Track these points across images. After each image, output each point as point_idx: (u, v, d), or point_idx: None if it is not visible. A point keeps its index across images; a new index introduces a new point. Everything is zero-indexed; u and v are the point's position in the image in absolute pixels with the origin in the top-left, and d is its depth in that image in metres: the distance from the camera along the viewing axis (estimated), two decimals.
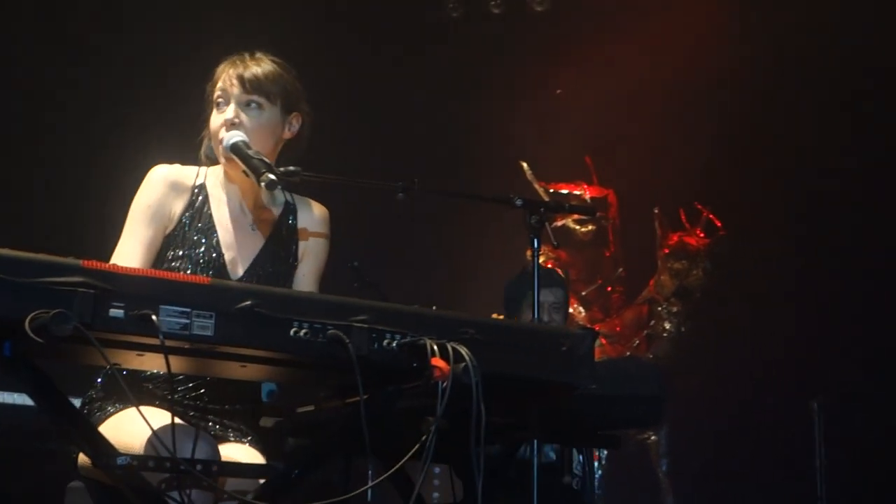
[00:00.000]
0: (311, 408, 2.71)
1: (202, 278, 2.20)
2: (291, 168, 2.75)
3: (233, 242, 2.92)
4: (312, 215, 3.07)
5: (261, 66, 2.92)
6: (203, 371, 2.57)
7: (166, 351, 2.09)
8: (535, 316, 3.26)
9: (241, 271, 2.91)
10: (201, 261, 2.87)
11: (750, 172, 7.30)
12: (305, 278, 3.03)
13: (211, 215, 2.92)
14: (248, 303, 2.13)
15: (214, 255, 2.88)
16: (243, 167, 2.76)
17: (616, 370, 2.74)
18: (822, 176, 7.12)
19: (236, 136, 2.80)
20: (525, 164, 7.32)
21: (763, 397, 7.56)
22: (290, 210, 3.04)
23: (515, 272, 4.46)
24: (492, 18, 7.66)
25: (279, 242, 2.99)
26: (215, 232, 2.91)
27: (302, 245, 3.03)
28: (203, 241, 2.89)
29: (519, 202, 3.35)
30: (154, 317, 2.05)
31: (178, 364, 2.38)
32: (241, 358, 2.27)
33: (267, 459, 2.85)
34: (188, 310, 2.10)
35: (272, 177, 2.65)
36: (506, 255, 5.76)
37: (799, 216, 7.15)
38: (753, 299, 7.19)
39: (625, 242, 7.61)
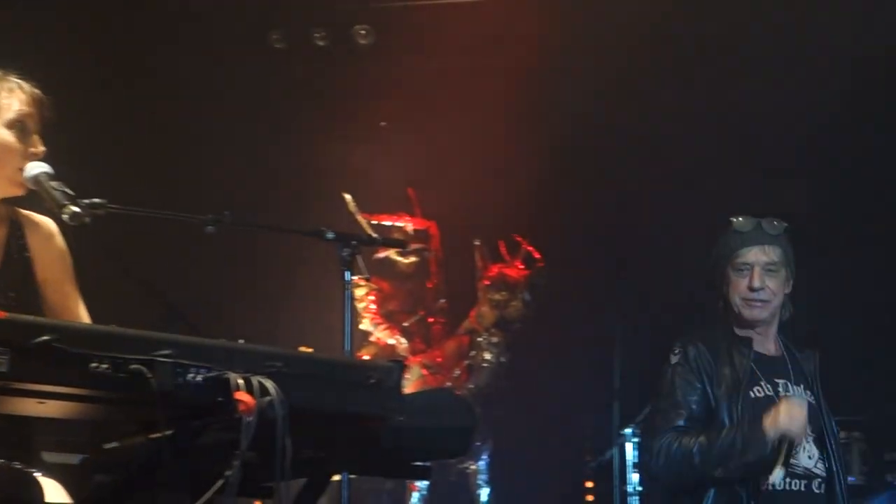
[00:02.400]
0: (115, 443, 2.65)
1: None
2: (96, 200, 2.69)
3: None
4: (41, 232, 2.92)
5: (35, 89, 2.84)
6: None
7: None
8: (347, 347, 3.27)
9: None
10: None
11: (568, 204, 7.49)
12: (60, 295, 2.91)
13: None
14: (46, 337, 2.08)
15: None
16: (46, 198, 2.69)
17: (425, 402, 2.76)
18: (635, 207, 7.38)
19: (38, 168, 2.73)
20: (348, 196, 7.33)
21: (582, 424, 7.75)
22: (16, 228, 2.89)
23: (328, 305, 4.46)
24: (316, 50, 7.65)
25: (11, 264, 2.85)
26: None
27: (39, 265, 2.89)
28: None
29: (330, 235, 3.37)
30: None
31: None
32: (38, 394, 2.20)
33: (73, 498, 2.76)
34: None
35: (76, 209, 2.59)
36: (318, 288, 5.76)
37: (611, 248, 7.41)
38: (571, 328, 7.37)
39: (446, 274, 7.69)
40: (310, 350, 2.48)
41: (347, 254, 3.35)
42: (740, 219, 3.92)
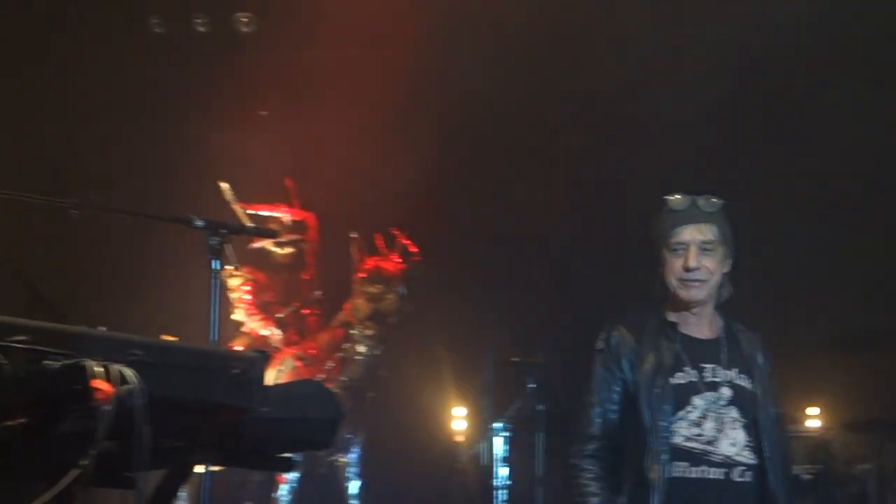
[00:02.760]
0: None
1: None
2: None
3: None
4: None
5: None
6: None
7: None
8: (214, 337, 3.24)
9: None
10: None
11: (446, 199, 7.55)
12: None
13: None
14: None
15: None
16: None
17: (290, 393, 2.75)
18: (512, 206, 7.47)
19: None
20: (224, 185, 7.23)
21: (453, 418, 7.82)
22: None
23: (194, 293, 4.40)
24: (197, 36, 7.54)
25: None
26: None
27: None
28: None
29: (199, 223, 3.32)
30: None
31: None
32: None
33: None
34: None
35: None
36: (188, 277, 5.68)
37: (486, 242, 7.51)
38: (445, 321, 7.44)
39: (323, 266, 7.66)
40: (173, 339, 2.45)
41: (216, 242, 3.30)
42: (675, 197, 3.80)
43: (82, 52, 7.13)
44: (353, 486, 7.25)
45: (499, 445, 7.01)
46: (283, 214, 7.51)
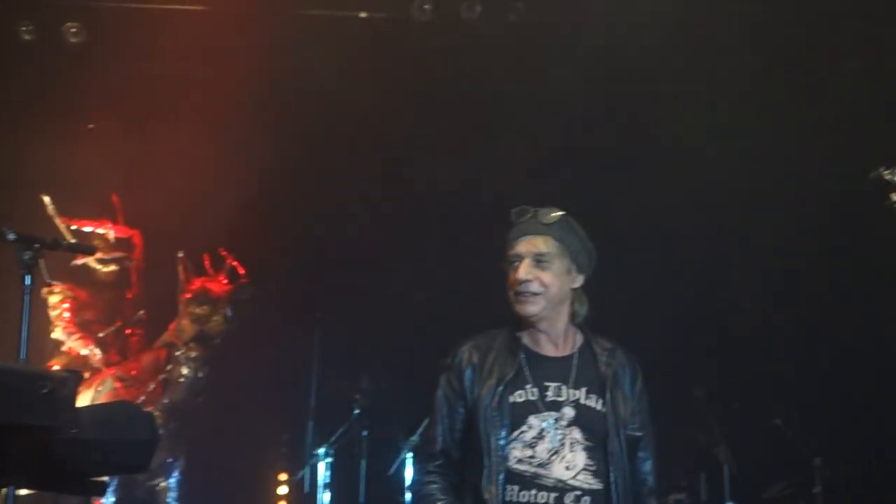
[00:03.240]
0: None
1: None
2: None
3: None
4: None
5: None
6: None
7: None
8: (23, 355, 3.13)
9: None
10: None
11: (275, 222, 7.51)
12: None
13: None
14: None
15: None
16: None
17: (103, 414, 2.68)
18: (344, 229, 7.48)
19: None
20: (46, 199, 7.04)
21: (278, 443, 7.75)
22: None
23: (6, 309, 4.25)
24: (24, 46, 7.31)
25: None
26: None
27: None
28: None
29: (11, 236, 3.21)
30: None
31: None
32: None
33: None
34: None
35: None
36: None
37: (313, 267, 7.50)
38: (272, 346, 7.38)
39: (148, 285, 7.50)
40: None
41: (29, 257, 3.20)
42: (516, 209, 3.65)
43: None
44: None
45: (322, 471, 6.97)
46: (108, 231, 7.34)
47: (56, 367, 6.71)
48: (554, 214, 3.60)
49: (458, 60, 7.23)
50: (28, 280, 3.31)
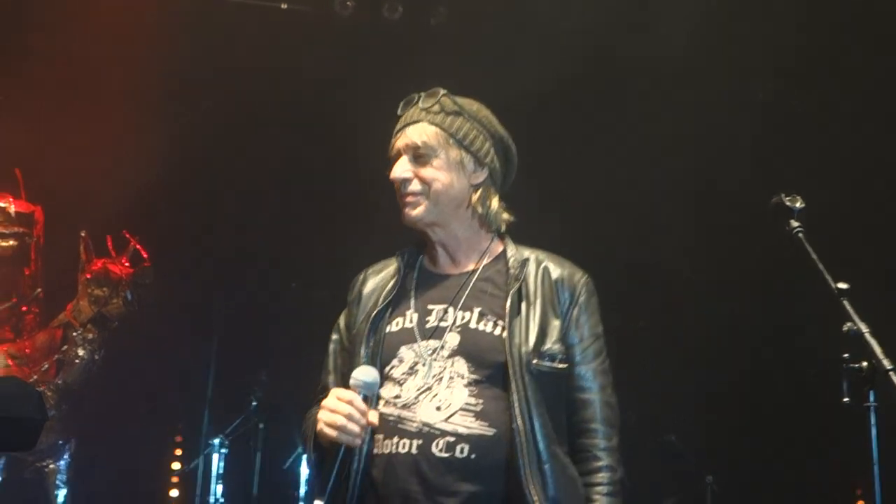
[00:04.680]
0: None
1: None
2: None
3: None
4: None
5: None
6: None
7: None
8: None
9: None
10: None
11: (180, 205, 7.43)
12: None
13: None
14: None
15: None
16: None
17: None
18: (248, 214, 7.43)
19: None
20: None
21: (172, 432, 7.65)
22: None
23: None
24: None
25: None
26: None
27: None
28: None
29: None
30: None
31: None
32: None
33: None
34: None
35: None
36: None
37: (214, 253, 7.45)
38: (172, 331, 7.30)
39: (47, 263, 7.34)
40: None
41: None
42: (404, 100, 3.00)
43: None
44: (61, 494, 6.97)
45: (216, 462, 6.90)
46: (9, 205, 7.17)
47: None
48: (433, 96, 2.93)
49: (378, 57, 7.23)
50: None
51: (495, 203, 2.96)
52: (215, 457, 6.93)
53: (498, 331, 2.78)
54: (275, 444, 7.02)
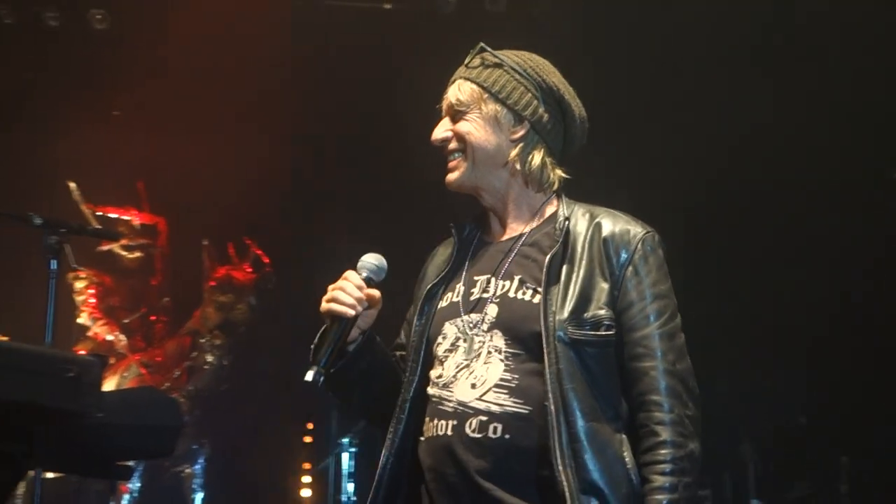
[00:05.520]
0: None
1: None
2: None
3: None
4: None
5: None
6: None
7: None
8: (49, 339, 3.14)
9: None
10: None
11: (301, 210, 7.50)
12: None
13: None
14: None
15: None
16: None
17: (128, 400, 2.69)
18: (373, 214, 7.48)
19: None
20: (72, 185, 7.06)
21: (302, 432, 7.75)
22: None
23: (35, 293, 4.26)
24: (50, 32, 7.31)
25: None
26: None
27: None
28: None
29: (38, 221, 3.22)
30: None
31: None
32: None
33: None
34: None
35: None
36: (23, 275, 5.51)
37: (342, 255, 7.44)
38: (296, 335, 7.37)
39: (173, 272, 7.52)
40: (4, 338, 2.36)
41: (54, 241, 3.20)
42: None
43: None
44: (198, 499, 7.13)
45: (346, 461, 6.97)
46: (133, 218, 7.36)
47: (81, 352, 6.75)
48: (484, 50, 2.72)
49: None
50: (54, 265, 3.31)
51: (538, 159, 2.65)
52: (345, 455, 6.99)
53: (537, 299, 2.52)
54: None
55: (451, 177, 2.66)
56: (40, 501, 3.78)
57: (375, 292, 2.59)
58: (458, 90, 2.67)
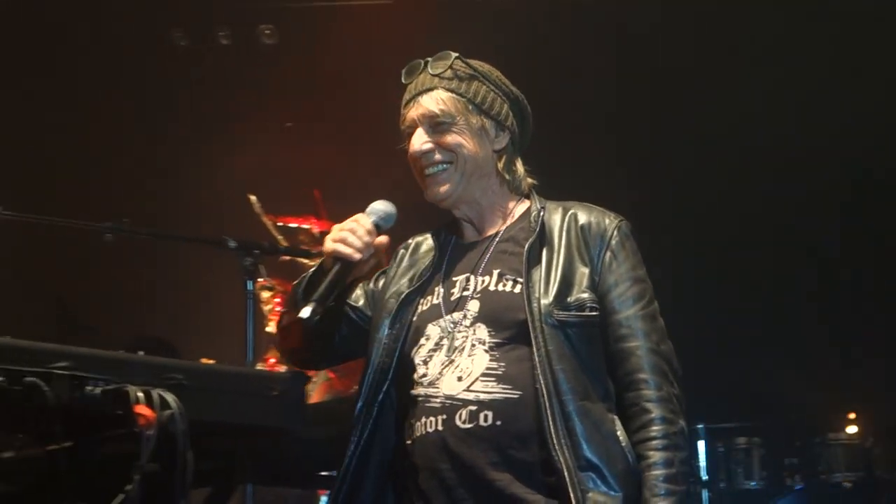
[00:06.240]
0: (11, 453, 2.60)
1: None
2: None
3: None
4: None
5: None
6: None
7: None
8: (250, 357, 3.25)
9: None
10: None
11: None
12: None
13: None
14: None
15: None
16: None
17: (329, 411, 2.76)
18: None
19: None
20: (253, 198, 7.25)
21: None
22: None
23: (233, 314, 4.40)
24: (220, 49, 7.56)
25: None
26: None
27: None
28: None
29: (232, 244, 3.34)
30: None
31: None
32: None
33: None
34: None
35: None
36: (223, 297, 5.69)
37: None
38: None
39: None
40: (211, 362, 2.45)
41: (249, 263, 3.31)
42: (406, 67, 2.83)
43: (109, 73, 7.14)
44: None
45: None
46: (312, 226, 7.50)
47: (272, 360, 6.94)
48: (443, 59, 2.73)
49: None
50: (250, 286, 3.41)
51: (520, 167, 2.77)
52: None
53: (518, 288, 2.57)
54: None
55: (440, 189, 2.68)
56: None
57: (383, 239, 2.68)
58: (439, 100, 2.67)
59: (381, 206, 2.71)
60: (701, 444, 6.85)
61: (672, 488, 2.41)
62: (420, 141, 2.69)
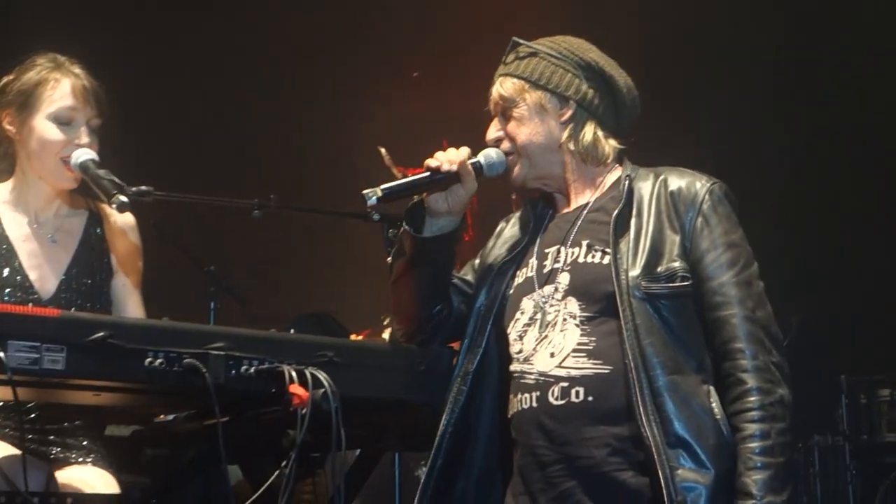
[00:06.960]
0: (170, 418, 2.68)
1: (51, 310, 2.17)
2: (143, 188, 2.66)
3: (37, 260, 2.81)
4: (119, 224, 2.95)
5: (88, 80, 2.85)
6: (54, 399, 2.52)
7: (14, 384, 2.07)
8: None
9: (51, 287, 2.80)
10: (5, 286, 2.76)
11: None
12: (126, 289, 2.94)
13: (7, 236, 2.81)
14: (101, 334, 2.11)
15: (19, 277, 2.78)
16: (94, 187, 2.69)
17: None
18: None
19: (85, 155, 2.73)
20: (383, 150, 7.30)
21: None
22: (94, 220, 2.93)
23: (372, 281, 4.42)
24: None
25: (89, 254, 2.89)
26: (15, 253, 2.79)
27: (114, 256, 2.93)
28: (4, 264, 2.78)
29: (376, 217, 3.35)
30: (1, 353, 2.02)
31: (27, 394, 2.34)
32: (94, 388, 2.24)
33: (118, 472, 2.81)
34: (37, 344, 2.08)
35: (123, 199, 2.57)
36: (375, 271, 5.74)
37: None
38: None
39: (483, 226, 7.65)
40: (360, 337, 2.49)
41: (394, 235, 3.32)
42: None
43: (241, 36, 7.22)
44: None
45: None
46: None
47: None
48: (518, 44, 2.75)
49: None
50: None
51: (589, 135, 2.65)
52: None
53: (606, 259, 2.50)
54: None
55: (512, 175, 2.69)
56: None
57: (472, 171, 2.64)
58: (501, 87, 2.70)
59: (490, 151, 2.70)
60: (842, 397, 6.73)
61: (768, 461, 2.33)
62: (492, 130, 2.75)
